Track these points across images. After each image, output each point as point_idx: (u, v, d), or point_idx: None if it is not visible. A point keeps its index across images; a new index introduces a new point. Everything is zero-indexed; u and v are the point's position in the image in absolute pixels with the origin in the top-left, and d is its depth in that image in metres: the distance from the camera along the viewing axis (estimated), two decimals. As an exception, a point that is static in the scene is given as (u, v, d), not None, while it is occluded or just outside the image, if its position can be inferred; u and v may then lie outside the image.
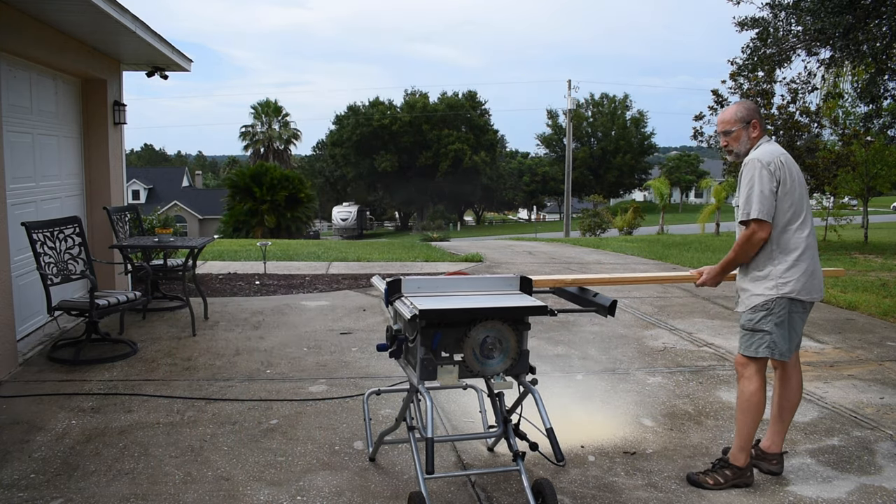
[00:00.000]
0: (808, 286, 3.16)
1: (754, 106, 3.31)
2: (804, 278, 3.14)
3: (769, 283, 3.16)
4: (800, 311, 3.19)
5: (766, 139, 3.26)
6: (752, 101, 3.30)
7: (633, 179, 60.98)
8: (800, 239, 3.14)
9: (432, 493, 3.05)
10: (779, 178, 3.10)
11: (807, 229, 3.18)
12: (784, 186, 3.10)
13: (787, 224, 3.15)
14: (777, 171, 3.09)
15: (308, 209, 35.55)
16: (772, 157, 3.12)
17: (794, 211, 3.14)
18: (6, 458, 3.38)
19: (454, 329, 2.70)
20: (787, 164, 3.14)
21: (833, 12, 8.51)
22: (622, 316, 6.75)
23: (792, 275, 3.14)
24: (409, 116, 53.11)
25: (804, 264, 3.14)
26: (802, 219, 3.16)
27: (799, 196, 3.15)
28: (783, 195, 3.11)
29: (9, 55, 5.20)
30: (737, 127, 3.25)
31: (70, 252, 5.25)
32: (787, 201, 3.12)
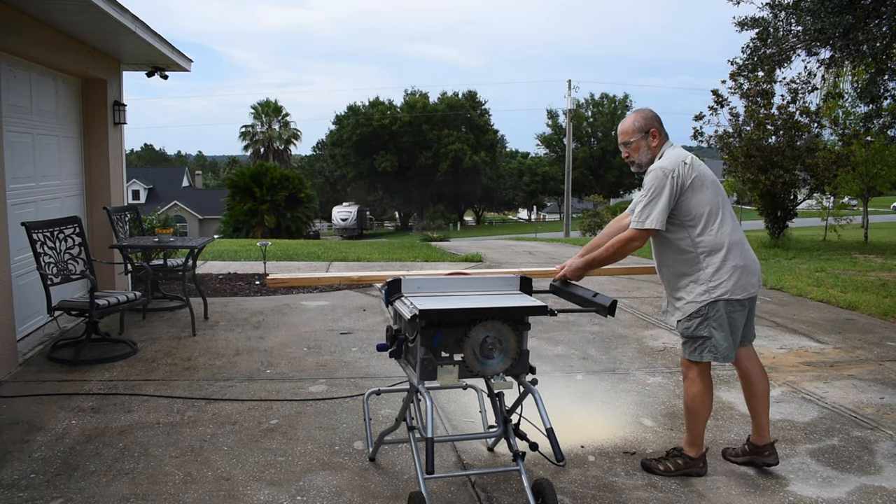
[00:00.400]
0: (740, 283, 3.12)
1: (653, 114, 3.29)
2: (735, 276, 3.11)
3: (700, 287, 3.15)
4: (738, 309, 3.16)
5: (670, 145, 3.25)
6: (650, 110, 3.31)
7: (634, 179, 60.85)
8: (722, 237, 3.11)
9: (432, 493, 3.05)
10: (681, 183, 3.07)
11: (727, 226, 3.13)
12: (692, 188, 3.08)
13: (705, 225, 3.11)
14: (680, 176, 3.07)
15: (308, 209, 35.57)
16: (674, 163, 3.10)
17: (710, 210, 3.10)
18: (6, 458, 3.38)
19: (454, 329, 2.70)
20: (693, 165, 3.12)
21: (833, 12, 8.51)
22: (622, 316, 6.75)
23: (721, 276, 3.10)
24: (409, 116, 53.11)
25: (731, 262, 3.11)
26: (721, 216, 3.12)
27: (713, 194, 3.12)
28: (692, 194, 3.09)
29: (9, 55, 5.20)
30: (635, 137, 3.25)
31: (70, 252, 5.25)
32: (697, 199, 3.09)
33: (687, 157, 3.15)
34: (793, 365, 5.20)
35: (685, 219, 3.14)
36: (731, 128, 15.36)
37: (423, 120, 52.68)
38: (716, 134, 15.70)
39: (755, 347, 3.43)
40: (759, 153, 14.54)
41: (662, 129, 3.27)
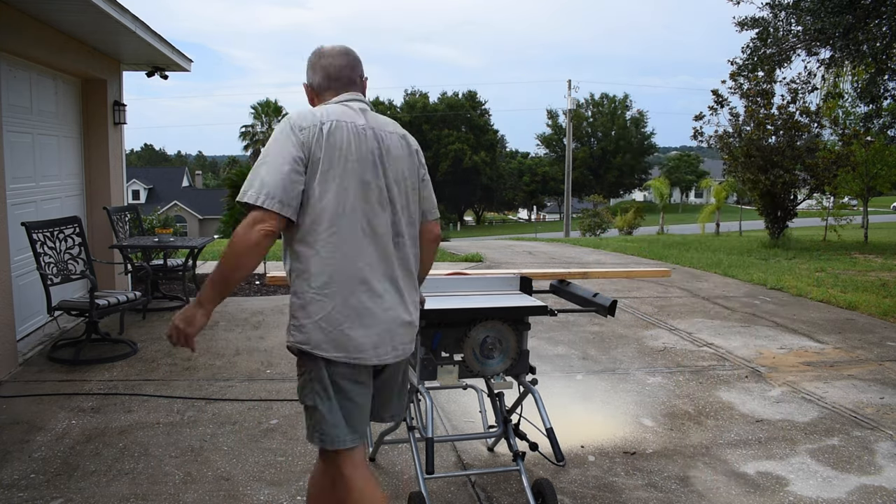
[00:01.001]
0: (333, 337, 2.00)
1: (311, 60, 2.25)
2: (326, 322, 1.99)
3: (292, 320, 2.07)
4: (347, 375, 2.04)
5: (339, 97, 2.18)
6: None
7: (633, 179, 61.00)
8: (329, 252, 1.99)
9: (432, 493, 3.05)
10: (311, 147, 1.99)
11: (349, 234, 2.01)
12: (317, 161, 1.99)
13: (312, 224, 2.00)
14: (313, 136, 2.00)
15: (308, 209, 35.49)
16: (314, 115, 2.05)
17: (330, 203, 2.00)
18: (6, 458, 3.38)
19: (454, 329, 2.70)
20: (333, 130, 2.02)
21: (833, 12, 8.51)
22: (622, 316, 6.75)
23: (309, 314, 2.01)
24: (409, 116, 53.12)
25: (329, 300, 1.99)
26: (346, 217, 2.02)
27: (340, 179, 2.01)
28: (312, 174, 2.00)
29: (9, 55, 5.20)
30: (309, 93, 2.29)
31: (70, 252, 5.25)
32: (321, 184, 2.00)
33: (338, 115, 2.08)
34: (793, 365, 5.20)
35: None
36: (731, 128, 15.38)
37: (423, 120, 52.69)
38: (716, 134, 15.71)
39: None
40: (759, 153, 14.55)
41: (328, 79, 2.22)
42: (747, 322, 6.65)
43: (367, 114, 2.16)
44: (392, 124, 2.22)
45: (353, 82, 2.23)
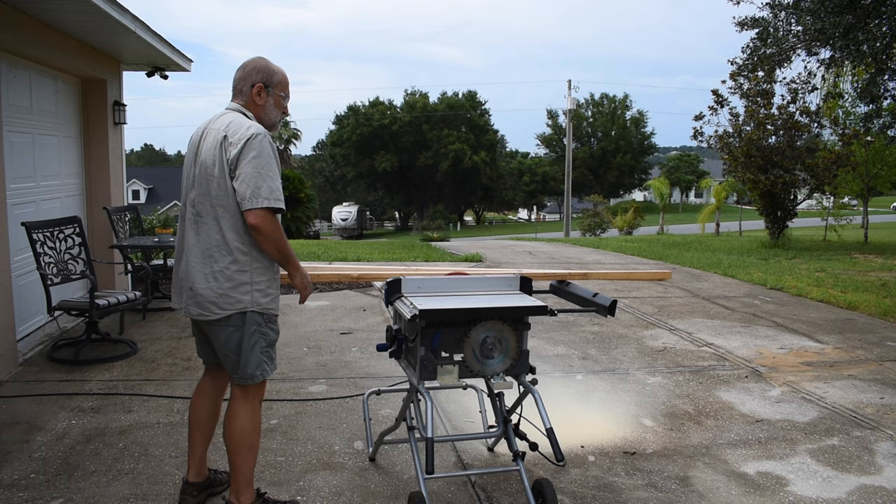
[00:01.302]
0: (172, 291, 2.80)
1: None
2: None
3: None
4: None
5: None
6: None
7: (633, 179, 61.00)
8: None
9: (432, 493, 3.05)
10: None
11: (179, 223, 2.77)
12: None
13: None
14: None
15: (308, 209, 35.51)
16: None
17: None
18: (6, 458, 3.38)
19: (454, 329, 2.70)
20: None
21: (833, 12, 8.51)
22: (622, 316, 6.75)
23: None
24: (410, 116, 53.14)
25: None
26: (182, 207, 2.73)
27: (185, 176, 2.71)
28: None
29: (9, 55, 5.20)
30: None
31: (70, 252, 5.25)
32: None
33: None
34: (793, 365, 5.20)
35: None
36: (731, 128, 15.38)
37: (423, 120, 52.70)
38: (716, 134, 15.72)
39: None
40: (759, 153, 14.55)
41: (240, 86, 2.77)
42: (747, 322, 6.65)
43: (220, 116, 2.67)
44: (226, 123, 2.60)
45: (240, 92, 2.73)
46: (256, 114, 2.72)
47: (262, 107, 2.74)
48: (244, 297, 2.61)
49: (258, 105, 2.73)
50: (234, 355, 2.67)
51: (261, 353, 2.70)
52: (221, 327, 2.64)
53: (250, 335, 2.65)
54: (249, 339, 2.66)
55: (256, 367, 2.71)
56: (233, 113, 2.69)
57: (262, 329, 2.69)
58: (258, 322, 2.66)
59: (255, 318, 2.65)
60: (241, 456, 2.71)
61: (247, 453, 2.72)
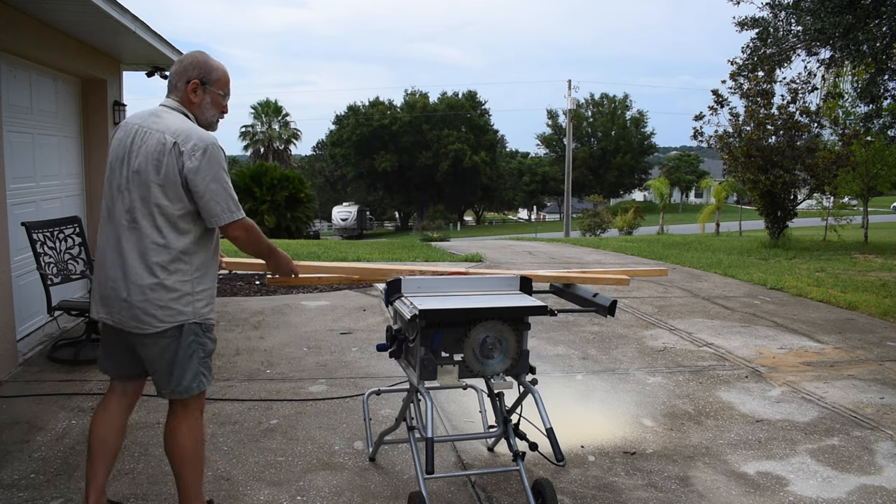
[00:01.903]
0: (94, 300, 2.60)
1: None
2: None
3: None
4: (105, 329, 2.64)
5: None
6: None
7: (633, 179, 60.99)
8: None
9: (432, 493, 3.05)
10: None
11: (102, 218, 2.59)
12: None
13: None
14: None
15: (308, 209, 35.55)
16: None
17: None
18: (6, 458, 3.38)
19: (454, 329, 2.69)
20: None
21: (833, 12, 8.51)
22: (622, 316, 6.75)
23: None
24: (410, 116, 53.14)
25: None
26: (105, 212, 2.57)
27: (111, 177, 2.55)
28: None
29: (9, 55, 5.20)
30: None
31: (70, 252, 5.25)
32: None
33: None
34: (793, 365, 5.20)
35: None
36: (731, 128, 15.38)
37: (423, 120, 52.70)
38: (716, 134, 15.72)
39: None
40: (759, 153, 14.55)
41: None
42: (747, 322, 6.65)
43: (157, 114, 2.54)
44: (172, 127, 2.46)
45: (175, 87, 2.62)
46: (192, 112, 2.60)
47: (197, 105, 2.60)
48: (186, 309, 2.48)
49: (193, 103, 2.60)
50: (167, 368, 2.53)
51: (199, 364, 2.56)
52: (156, 340, 2.48)
53: (187, 346, 2.52)
54: (187, 351, 2.52)
55: (193, 379, 2.56)
56: (172, 113, 2.55)
57: (201, 339, 2.56)
58: (196, 332, 2.53)
59: (194, 328, 2.52)
60: (187, 470, 2.61)
61: (193, 466, 2.62)
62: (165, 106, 2.59)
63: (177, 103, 2.60)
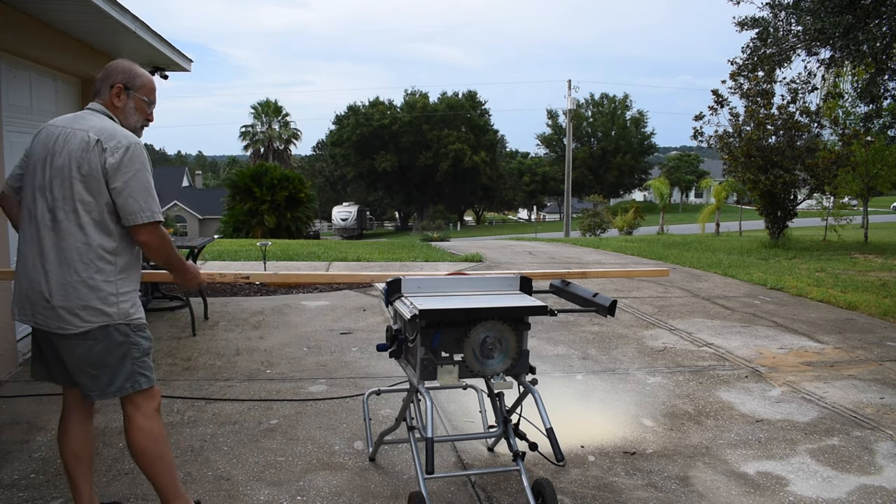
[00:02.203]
0: (17, 303, 2.52)
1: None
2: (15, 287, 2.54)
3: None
4: (34, 333, 2.60)
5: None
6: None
7: (633, 179, 61.00)
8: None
9: (432, 493, 3.05)
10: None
11: (23, 218, 2.52)
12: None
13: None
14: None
15: (308, 209, 35.55)
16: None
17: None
18: (6, 458, 3.38)
19: (454, 329, 2.69)
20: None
21: (833, 12, 8.51)
22: (622, 316, 6.75)
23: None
24: (410, 116, 53.15)
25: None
26: (26, 212, 2.51)
27: (31, 177, 2.51)
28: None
29: (9, 55, 5.20)
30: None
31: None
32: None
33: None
34: (793, 365, 5.20)
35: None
36: (731, 128, 15.38)
37: (423, 120, 52.70)
38: (716, 134, 15.72)
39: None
40: (759, 153, 14.55)
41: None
42: (747, 322, 6.65)
43: (77, 117, 2.54)
44: (96, 126, 2.47)
45: (98, 92, 2.65)
46: (117, 116, 2.60)
47: (121, 109, 2.61)
48: (111, 310, 2.44)
49: (117, 107, 2.61)
50: (92, 370, 2.47)
51: (133, 363, 2.52)
52: (79, 342, 2.43)
53: (117, 347, 2.48)
54: (116, 352, 2.48)
55: (126, 379, 2.51)
56: (97, 115, 2.55)
57: (132, 339, 2.51)
58: (126, 333, 2.49)
59: (123, 329, 2.48)
60: (155, 470, 2.58)
61: (159, 465, 2.58)
62: (90, 109, 2.60)
63: (101, 106, 2.60)
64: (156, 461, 2.58)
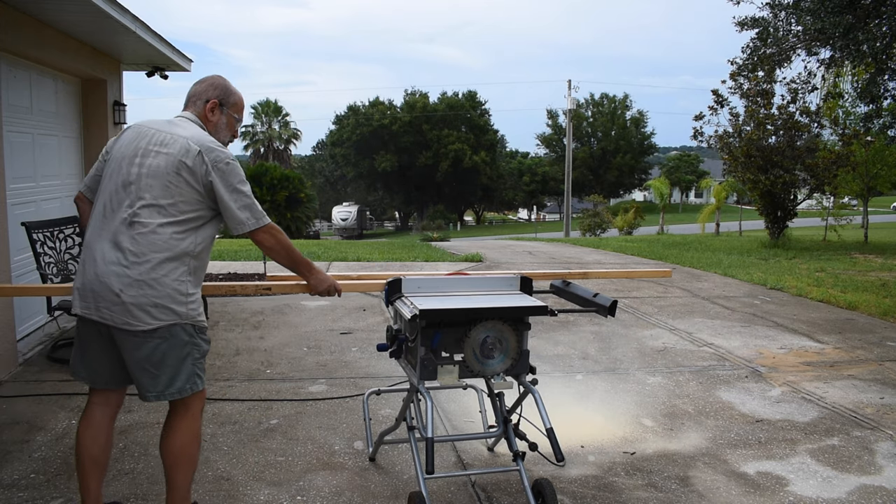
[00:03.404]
0: (76, 293, 2.53)
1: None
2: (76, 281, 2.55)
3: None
4: (83, 325, 2.59)
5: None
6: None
7: (633, 179, 60.98)
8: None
9: (432, 493, 3.05)
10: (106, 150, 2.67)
11: (95, 221, 2.55)
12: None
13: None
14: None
15: (308, 209, 35.57)
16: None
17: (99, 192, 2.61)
18: (6, 458, 3.38)
19: (454, 329, 2.69)
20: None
21: (833, 12, 8.51)
22: (622, 316, 6.75)
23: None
24: (409, 116, 53.12)
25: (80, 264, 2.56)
26: (101, 206, 2.56)
27: (113, 173, 2.56)
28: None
29: (9, 55, 5.20)
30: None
31: (70, 252, 5.24)
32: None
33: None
34: (793, 365, 5.20)
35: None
36: (731, 128, 15.38)
37: (423, 120, 52.69)
38: (716, 134, 15.72)
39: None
40: (759, 153, 14.55)
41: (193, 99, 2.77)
42: (747, 322, 6.65)
43: (172, 123, 2.61)
44: (196, 135, 2.55)
45: (194, 104, 2.72)
46: (208, 129, 2.67)
47: (214, 124, 2.70)
48: (180, 309, 2.47)
49: (210, 121, 2.69)
50: (154, 370, 2.49)
51: (193, 365, 2.55)
52: (145, 339, 2.45)
53: (182, 347, 2.50)
54: (179, 352, 2.50)
55: (187, 380, 2.55)
56: (193, 125, 2.62)
57: (195, 340, 2.55)
58: (191, 334, 2.53)
59: (188, 329, 2.52)
60: (180, 470, 2.59)
61: (185, 467, 2.61)
62: (183, 117, 2.67)
63: (195, 116, 2.68)
64: (183, 461, 2.60)
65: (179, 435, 2.60)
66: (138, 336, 2.44)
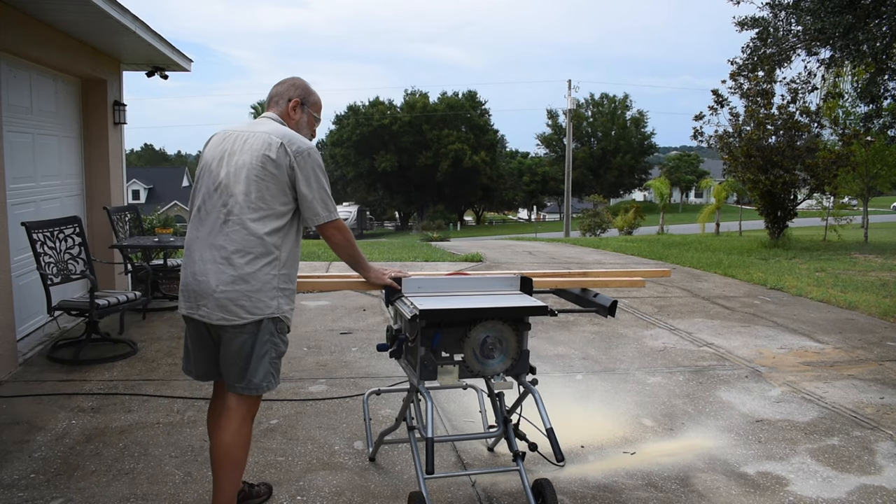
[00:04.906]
0: (183, 295, 2.65)
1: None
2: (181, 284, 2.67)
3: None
4: (189, 325, 2.70)
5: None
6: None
7: (633, 179, 60.98)
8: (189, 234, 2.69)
9: (432, 493, 3.05)
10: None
11: (192, 224, 2.65)
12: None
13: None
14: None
15: (308, 209, 35.50)
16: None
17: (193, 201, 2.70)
18: (6, 458, 3.38)
19: (454, 329, 2.69)
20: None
21: (833, 12, 8.51)
22: (622, 316, 6.75)
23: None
24: (409, 116, 53.12)
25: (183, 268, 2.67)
26: (196, 210, 2.66)
27: (206, 177, 2.65)
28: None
29: (9, 55, 5.20)
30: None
31: (70, 252, 5.25)
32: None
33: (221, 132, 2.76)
34: (793, 365, 5.20)
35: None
36: (731, 128, 15.37)
37: (423, 120, 52.69)
38: (716, 134, 15.70)
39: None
40: (759, 153, 14.54)
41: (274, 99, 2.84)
42: (747, 322, 6.65)
43: (255, 123, 2.69)
44: (278, 131, 2.60)
45: (276, 104, 2.80)
46: (290, 128, 2.72)
47: (296, 122, 2.77)
48: (272, 303, 2.54)
49: (293, 119, 2.76)
50: (242, 364, 2.56)
51: (269, 363, 2.60)
52: (237, 333, 2.53)
53: (263, 343, 2.56)
54: (262, 348, 2.57)
55: (263, 378, 2.59)
56: (275, 122, 2.69)
57: (275, 339, 2.60)
58: (272, 331, 2.58)
59: (271, 326, 2.57)
60: (227, 473, 2.58)
61: (233, 471, 2.60)
62: (268, 117, 2.75)
63: (277, 115, 2.76)
64: (232, 466, 2.60)
65: (229, 434, 2.59)
66: (232, 330, 2.53)
